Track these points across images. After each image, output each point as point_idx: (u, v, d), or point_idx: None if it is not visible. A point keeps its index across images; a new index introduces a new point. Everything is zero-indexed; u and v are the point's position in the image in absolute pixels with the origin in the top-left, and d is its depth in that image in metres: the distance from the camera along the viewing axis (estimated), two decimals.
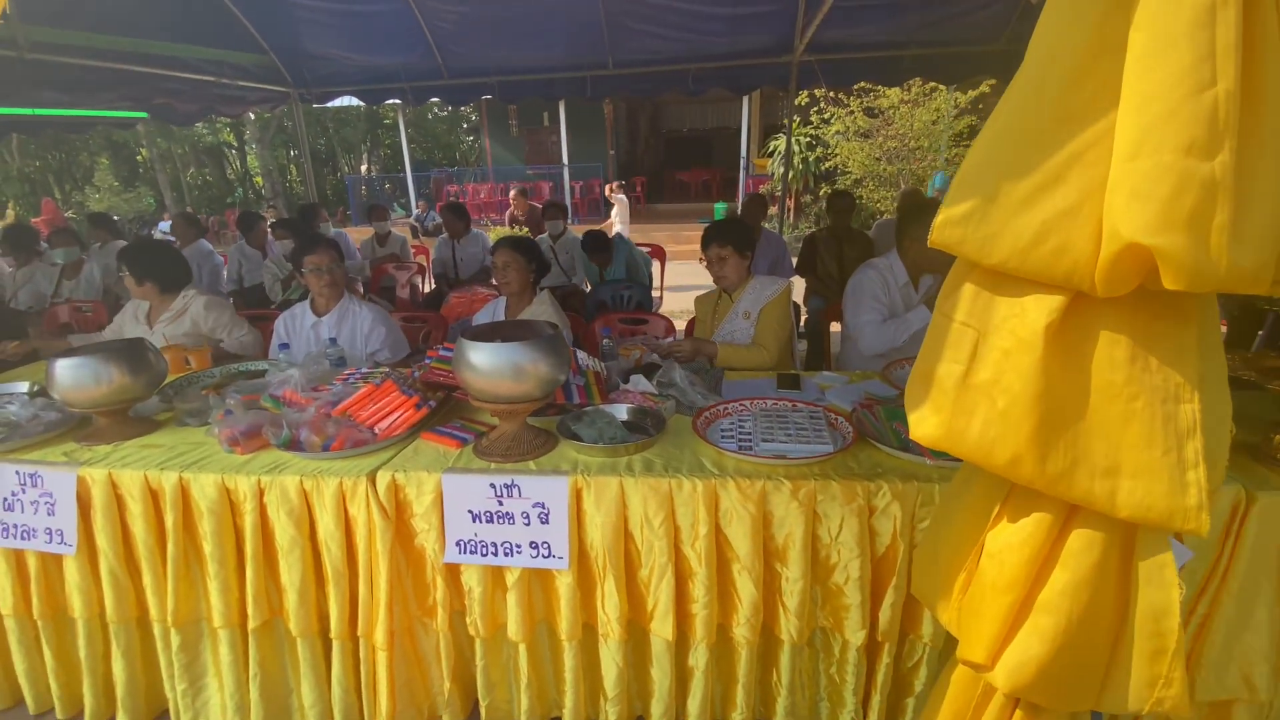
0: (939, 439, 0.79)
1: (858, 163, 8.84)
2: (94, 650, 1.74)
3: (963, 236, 0.70)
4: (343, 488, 1.53)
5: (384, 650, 1.55)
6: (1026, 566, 0.77)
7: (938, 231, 0.74)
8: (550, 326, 1.63)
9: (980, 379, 0.74)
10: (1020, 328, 0.71)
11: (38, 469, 1.66)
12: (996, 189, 0.66)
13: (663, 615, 1.49)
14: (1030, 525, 0.77)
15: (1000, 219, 0.66)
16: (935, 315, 0.82)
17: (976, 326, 0.75)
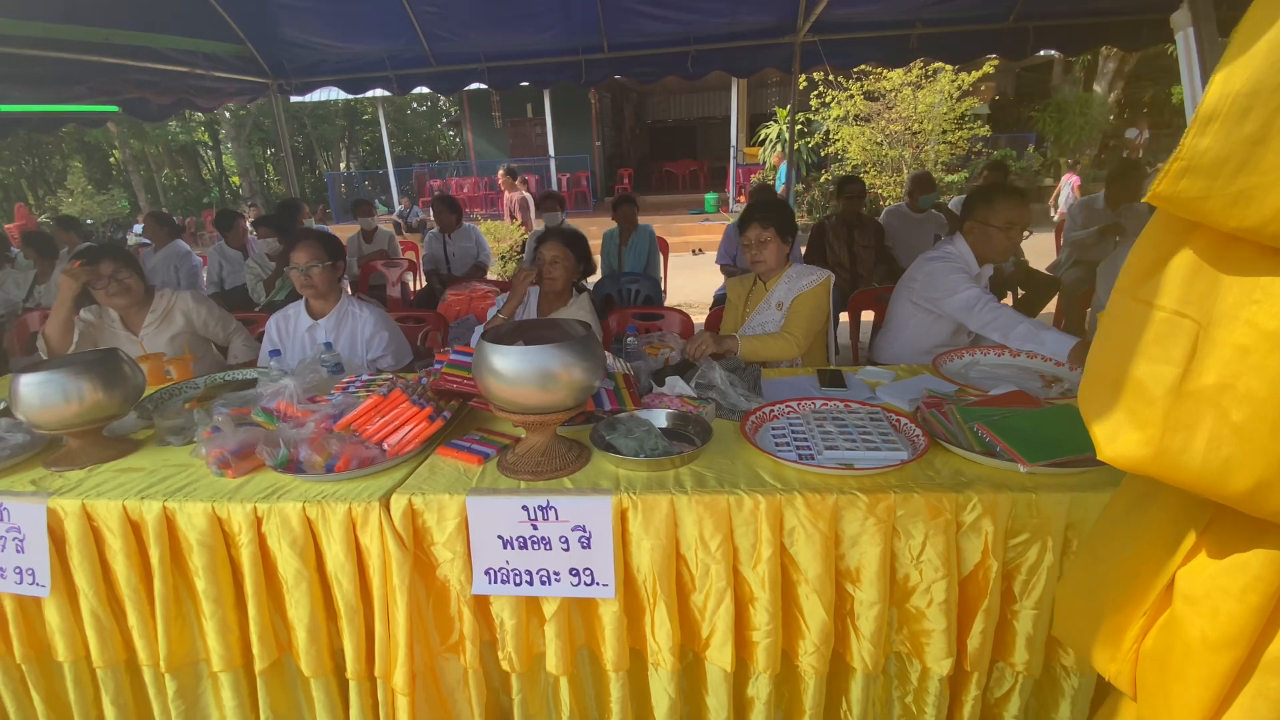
0: (1143, 460, 0.62)
1: (858, 147, 8.69)
2: (84, 694, 1.55)
3: (1207, 190, 0.53)
4: (352, 514, 1.34)
5: (405, 694, 1.37)
6: (1252, 619, 0.61)
7: (1169, 182, 0.56)
8: (582, 326, 1.45)
9: (1204, 384, 0.58)
10: (1266, 318, 0.54)
11: (2, 500, 1.46)
12: (1271, 123, 0.50)
13: (720, 643, 1.32)
14: (1258, 566, 0.61)
15: (1276, 165, 0.50)
16: (1123, 301, 0.66)
17: (1195, 316, 0.59)
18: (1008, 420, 1.38)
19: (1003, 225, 2.11)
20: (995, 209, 2.13)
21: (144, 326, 2.36)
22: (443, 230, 4.68)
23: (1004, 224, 2.11)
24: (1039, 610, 1.26)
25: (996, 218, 2.12)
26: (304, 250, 2.22)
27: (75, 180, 15.94)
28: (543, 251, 2.38)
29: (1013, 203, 2.13)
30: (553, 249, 2.36)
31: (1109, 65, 10.78)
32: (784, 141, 10.27)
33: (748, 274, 2.26)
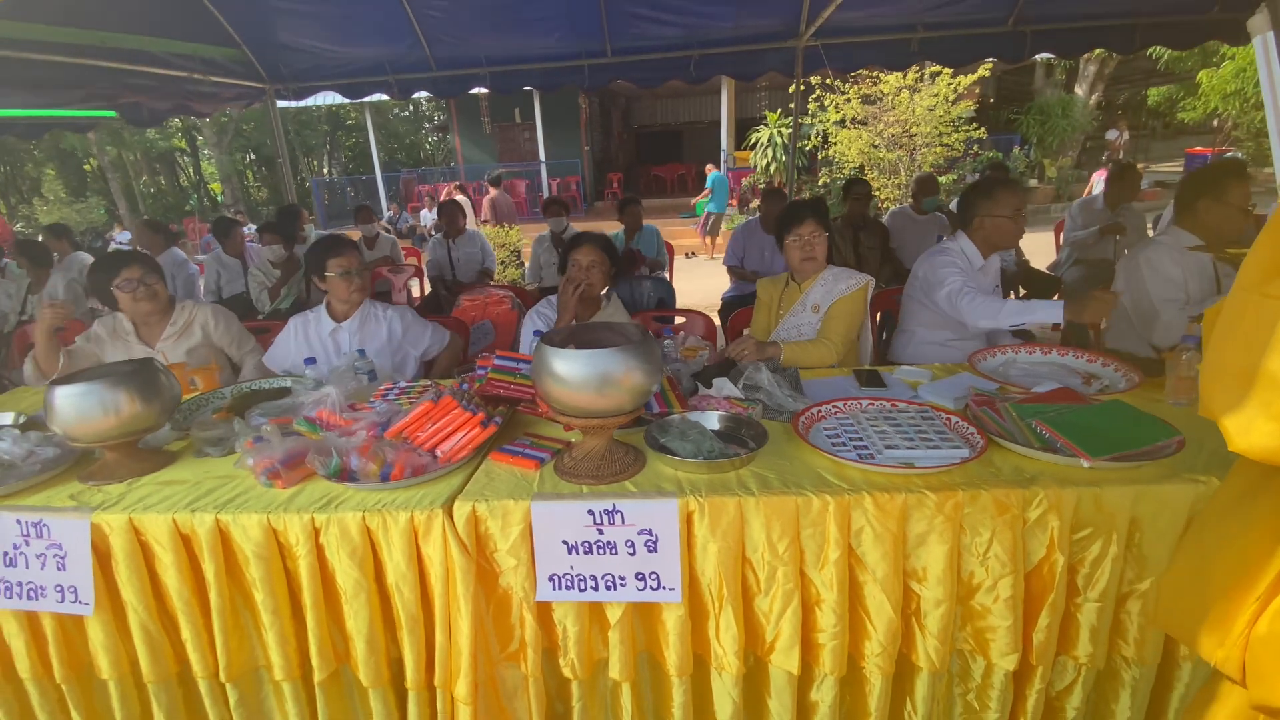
0: (1278, 450, 0.64)
1: (856, 150, 8.79)
2: (130, 712, 1.50)
3: None
4: (414, 523, 1.33)
5: (467, 704, 1.35)
6: None
7: None
8: (639, 330, 1.45)
9: None
10: None
11: (42, 517, 1.41)
12: None
13: (787, 646, 1.32)
14: None
15: None
16: (1249, 297, 0.67)
17: None
18: (1064, 416, 1.40)
19: (1010, 213, 2.22)
20: (998, 200, 2.22)
21: (162, 338, 2.31)
22: (447, 236, 4.64)
23: (1011, 211, 2.22)
24: (1102, 603, 1.28)
25: (1002, 208, 2.22)
26: (351, 254, 2.22)
27: (51, 187, 15.56)
28: (578, 257, 2.33)
29: (1011, 191, 2.25)
30: (589, 254, 2.32)
31: (1089, 68, 11.04)
32: (774, 145, 10.36)
33: (779, 275, 2.26)
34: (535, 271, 4.64)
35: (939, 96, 8.17)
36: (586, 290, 2.34)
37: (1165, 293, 2.32)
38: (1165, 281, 2.32)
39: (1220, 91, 10.13)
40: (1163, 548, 1.27)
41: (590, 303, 2.41)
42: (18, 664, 1.51)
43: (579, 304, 2.40)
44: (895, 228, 4.49)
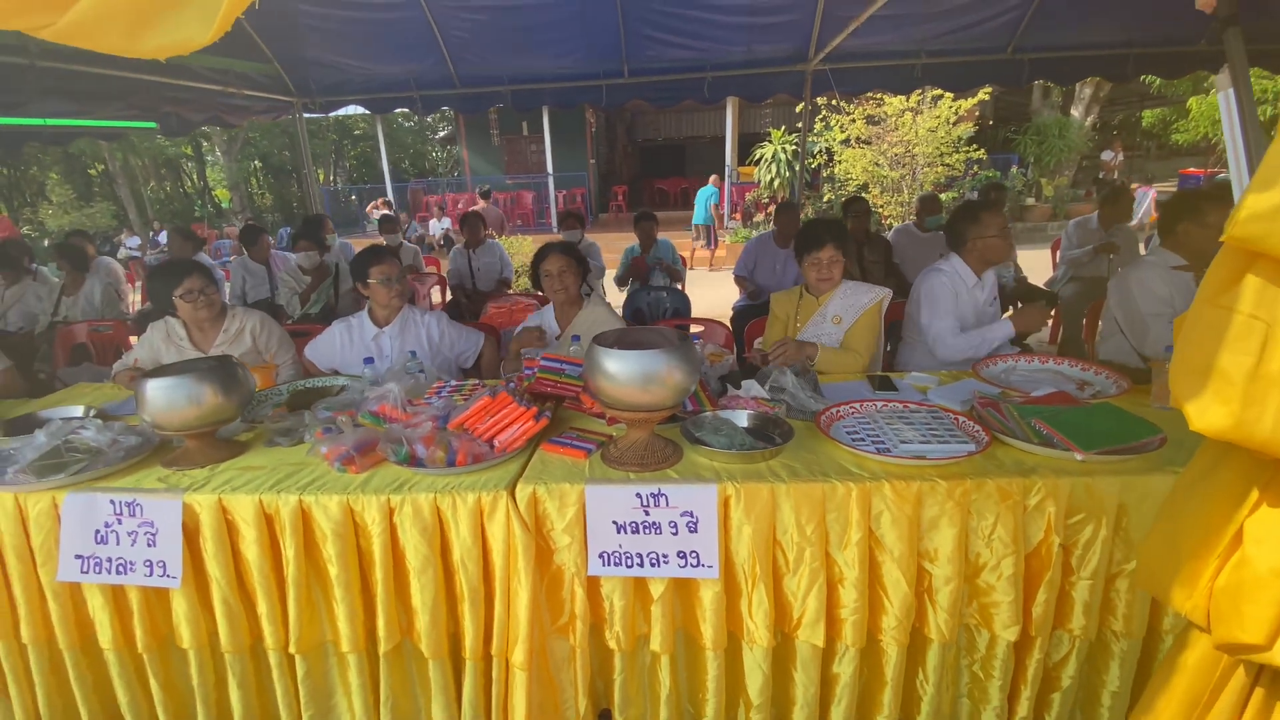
0: (1226, 430, 0.80)
1: (861, 169, 9.04)
2: (206, 680, 1.64)
3: (1269, 231, 0.72)
4: (481, 503, 1.48)
5: (523, 669, 1.49)
6: None
7: (1241, 226, 0.75)
8: (679, 335, 1.61)
9: (1273, 369, 0.76)
10: None
11: (135, 497, 1.56)
12: None
13: (812, 622, 1.47)
14: None
15: None
16: (1205, 308, 0.84)
17: (1266, 318, 0.77)
18: (1060, 416, 1.56)
19: (997, 232, 2.39)
20: (983, 223, 2.42)
21: (215, 345, 2.44)
22: (468, 246, 4.81)
23: (997, 231, 2.40)
24: (1094, 580, 1.43)
25: (988, 229, 2.40)
26: (392, 262, 2.38)
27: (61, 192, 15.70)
28: (548, 267, 2.49)
29: (993, 212, 2.45)
30: (556, 261, 2.47)
31: (1085, 91, 11.35)
32: (779, 161, 10.61)
33: (791, 289, 2.41)
34: None
35: (940, 119, 8.44)
36: (563, 295, 2.50)
37: (1154, 308, 2.48)
38: (1154, 298, 2.49)
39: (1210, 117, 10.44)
40: (1146, 531, 1.43)
41: (569, 304, 2.55)
42: (100, 636, 1.64)
43: (559, 308, 2.55)
44: (899, 244, 4.67)
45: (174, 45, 0.80)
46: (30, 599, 1.65)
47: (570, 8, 4.08)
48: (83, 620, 1.67)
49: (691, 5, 4.14)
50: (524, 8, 4.06)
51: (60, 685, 1.73)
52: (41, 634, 1.67)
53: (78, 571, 1.57)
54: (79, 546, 1.57)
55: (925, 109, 8.49)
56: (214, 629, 1.61)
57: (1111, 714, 1.51)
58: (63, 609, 1.63)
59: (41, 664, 1.70)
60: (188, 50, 0.82)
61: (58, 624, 1.65)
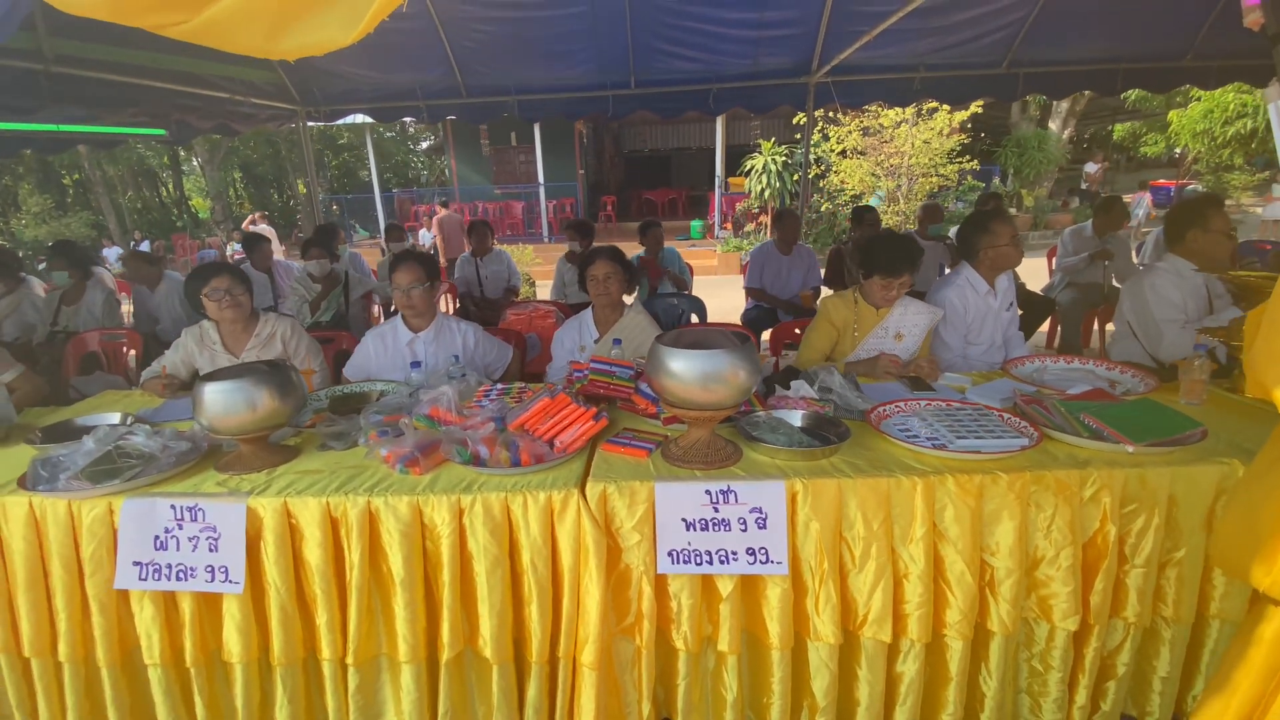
0: None
1: (857, 179, 9.24)
2: (252, 698, 1.60)
3: None
4: (551, 501, 1.49)
5: (594, 669, 1.49)
6: None
7: None
8: (740, 336, 1.64)
9: None
10: None
11: (197, 502, 1.54)
12: None
13: (879, 618, 1.49)
14: None
15: None
16: None
17: None
18: (1106, 411, 1.62)
19: (1008, 241, 2.47)
20: (995, 232, 2.48)
21: (246, 349, 2.42)
22: (476, 255, 4.82)
23: (1008, 240, 2.47)
24: (1147, 568, 1.49)
25: (1000, 238, 2.47)
26: (408, 271, 2.37)
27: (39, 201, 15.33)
28: (595, 271, 2.50)
29: (1004, 221, 2.52)
30: (604, 266, 2.48)
31: (1062, 105, 11.73)
32: (769, 172, 10.78)
33: (844, 294, 2.44)
34: (559, 289, 4.82)
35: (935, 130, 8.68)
36: (605, 300, 2.51)
37: (1167, 314, 2.58)
38: (1167, 304, 2.58)
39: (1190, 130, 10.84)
40: (1195, 519, 1.49)
41: (610, 310, 2.56)
42: (147, 652, 1.59)
43: (600, 312, 2.56)
44: None
45: (313, 45, 0.82)
46: (72, 613, 1.59)
47: (582, 21, 4.14)
48: (125, 636, 1.63)
49: (701, 19, 4.22)
50: (536, 20, 4.10)
51: (95, 707, 1.67)
52: (79, 651, 1.62)
53: (135, 579, 1.54)
54: (137, 553, 1.54)
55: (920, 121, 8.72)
56: (265, 643, 1.58)
57: (1162, 699, 1.57)
58: (108, 622, 1.59)
59: (77, 683, 1.64)
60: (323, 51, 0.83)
61: (100, 639, 1.59)
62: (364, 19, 0.79)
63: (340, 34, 0.80)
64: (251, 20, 0.79)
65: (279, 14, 0.79)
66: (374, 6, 0.80)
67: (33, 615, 1.60)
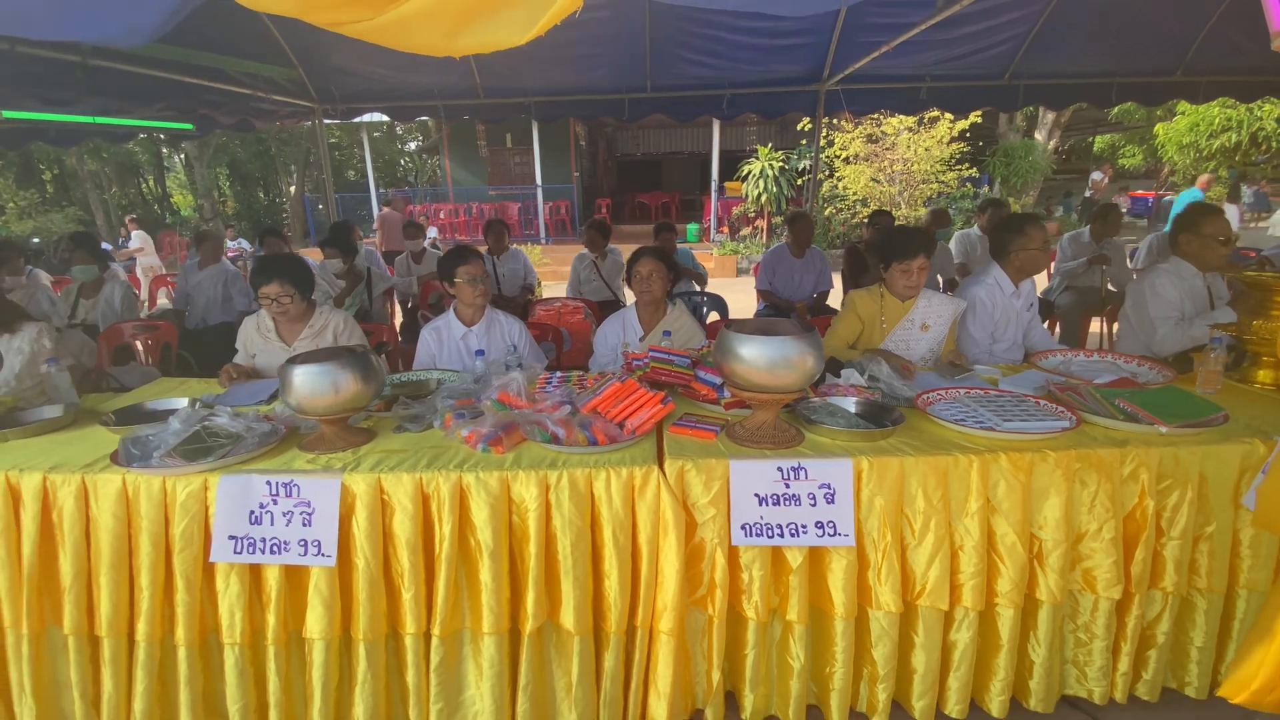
0: None
1: (860, 185, 9.46)
2: (330, 676, 1.64)
3: None
4: (633, 478, 1.58)
5: (672, 635, 1.59)
6: None
7: None
8: (805, 324, 1.75)
9: None
10: None
11: (293, 478, 1.61)
12: None
13: (936, 588, 1.60)
14: None
15: None
16: None
17: None
18: (1138, 396, 1.76)
19: (1040, 246, 2.60)
20: (1030, 235, 2.61)
21: (299, 339, 2.48)
22: (493, 253, 4.89)
23: (1040, 244, 2.60)
24: (1182, 540, 1.62)
25: (1033, 241, 2.61)
26: (476, 264, 2.47)
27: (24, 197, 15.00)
28: (640, 269, 2.61)
29: (1039, 227, 2.64)
30: (648, 264, 2.59)
31: (1048, 116, 12.10)
32: (765, 177, 10.97)
33: (870, 289, 2.57)
34: (575, 287, 4.91)
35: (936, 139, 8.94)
36: (648, 297, 2.62)
37: (1162, 311, 2.74)
38: (1163, 301, 2.74)
39: (1176, 143, 11.21)
40: (1223, 495, 1.63)
41: (653, 308, 2.67)
42: (228, 631, 1.62)
43: (643, 309, 2.67)
44: None
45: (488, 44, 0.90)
46: (155, 591, 1.63)
47: (604, 26, 4.24)
48: (205, 616, 1.67)
49: (719, 26, 4.35)
50: (561, 24, 4.19)
51: (164, 691, 1.70)
52: (158, 631, 1.65)
53: (230, 552, 1.60)
54: (232, 527, 1.60)
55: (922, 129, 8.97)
56: (346, 620, 1.63)
57: (1199, 668, 1.70)
58: (192, 600, 1.62)
59: (150, 663, 1.66)
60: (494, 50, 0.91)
61: (182, 617, 1.62)
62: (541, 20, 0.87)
63: (516, 34, 0.88)
64: (434, 20, 0.87)
65: (462, 14, 0.87)
66: (552, 9, 0.88)
67: (114, 594, 1.63)
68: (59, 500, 1.64)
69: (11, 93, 2.98)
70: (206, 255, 4.65)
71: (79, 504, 1.63)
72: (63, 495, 1.64)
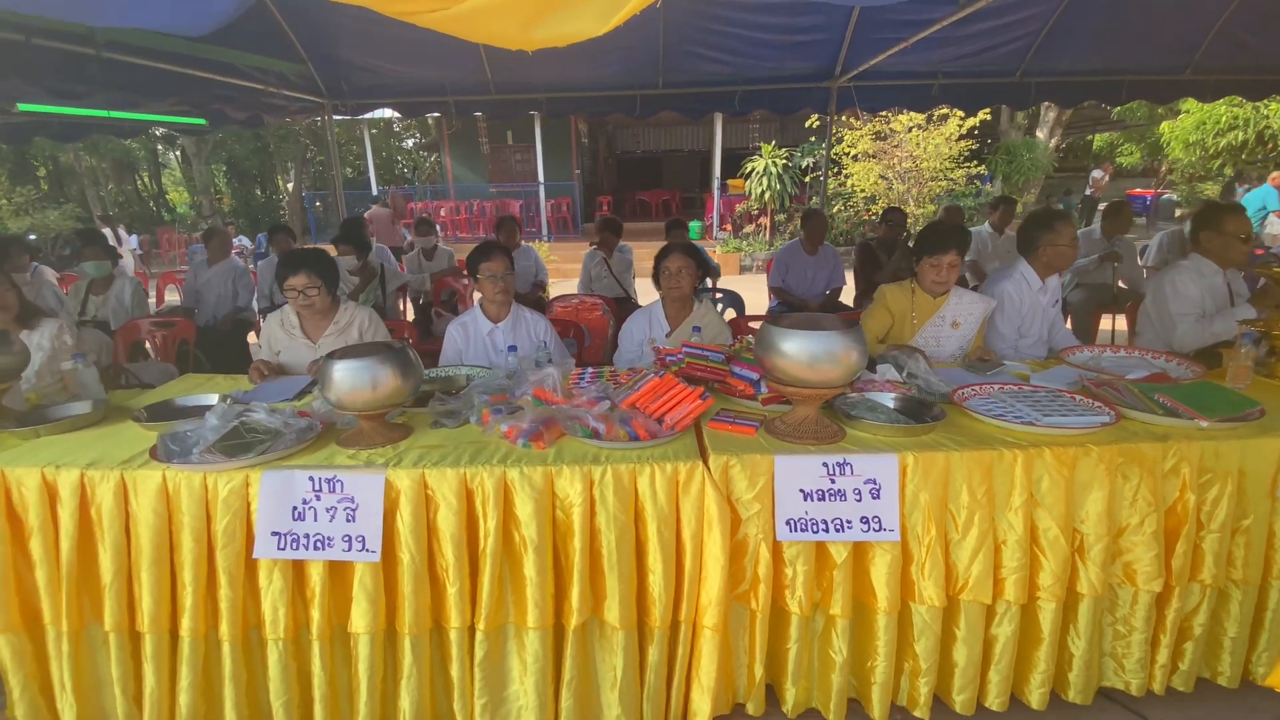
0: None
1: (869, 182, 9.47)
2: (375, 671, 1.64)
3: None
4: (678, 473, 1.58)
5: (716, 630, 1.59)
6: None
7: None
8: (845, 320, 1.75)
9: None
10: None
11: (336, 473, 1.60)
12: None
13: (979, 582, 1.61)
14: None
15: None
16: None
17: None
18: (1174, 391, 1.77)
19: (1068, 242, 2.61)
20: (1059, 231, 2.62)
21: (324, 335, 2.47)
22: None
23: (1068, 241, 2.61)
24: (1221, 533, 1.63)
25: (1062, 238, 2.61)
26: (499, 260, 2.45)
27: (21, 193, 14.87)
28: (668, 265, 2.61)
29: (1068, 223, 2.64)
30: (677, 260, 2.58)
31: (1049, 114, 12.15)
32: (769, 175, 10.97)
33: (902, 284, 2.57)
34: (586, 284, 4.91)
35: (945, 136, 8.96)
36: (675, 293, 2.61)
37: (1182, 308, 2.75)
38: (1183, 298, 2.75)
39: (1183, 141, 11.21)
40: (1260, 488, 1.64)
41: (681, 304, 2.66)
42: (271, 626, 1.62)
43: (670, 305, 2.65)
44: None
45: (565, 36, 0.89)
46: (198, 588, 1.62)
47: None
48: (248, 611, 1.66)
49: (732, 23, 4.33)
50: None
51: (208, 686, 1.69)
52: (201, 627, 1.64)
53: (274, 548, 1.59)
54: (276, 523, 1.59)
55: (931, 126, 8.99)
56: (394, 612, 1.63)
57: (1232, 659, 1.71)
58: (235, 595, 1.62)
59: (195, 659, 1.65)
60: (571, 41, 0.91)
61: (226, 613, 1.62)
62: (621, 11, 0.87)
63: (595, 25, 0.87)
64: (511, 10, 0.86)
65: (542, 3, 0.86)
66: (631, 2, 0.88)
67: (155, 590, 1.62)
68: (98, 497, 1.63)
69: (26, 86, 2.95)
70: (215, 252, 4.62)
71: (118, 500, 1.62)
72: (101, 492, 1.62)
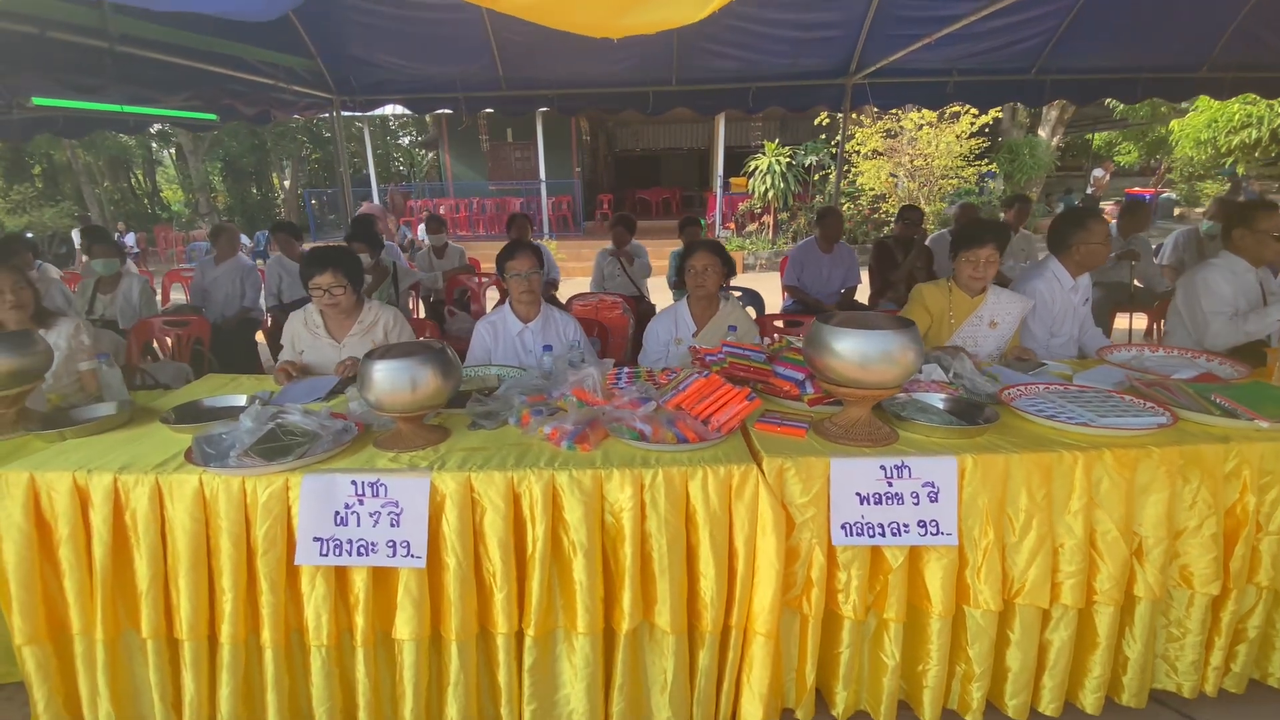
0: None
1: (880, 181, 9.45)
2: (420, 677, 1.59)
3: None
4: (731, 476, 1.54)
5: (769, 637, 1.55)
6: None
7: None
8: (900, 319, 1.71)
9: None
10: None
11: (379, 477, 1.56)
12: None
13: (1036, 586, 1.58)
14: None
15: None
16: None
17: None
18: (1230, 391, 1.74)
19: (1100, 240, 2.58)
20: (1090, 230, 2.59)
21: (348, 334, 2.42)
22: None
23: (1100, 239, 2.58)
24: (1279, 535, 1.61)
25: (1094, 236, 2.58)
26: (525, 259, 2.40)
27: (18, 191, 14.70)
28: (694, 262, 2.57)
29: (1100, 221, 2.61)
30: (703, 259, 2.54)
31: (1051, 113, 12.16)
32: (773, 173, 10.95)
33: (939, 282, 2.53)
34: (598, 281, 4.86)
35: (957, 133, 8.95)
36: (701, 291, 2.57)
37: (1215, 306, 2.73)
38: (1216, 297, 2.73)
39: (1193, 139, 11.20)
40: None
41: (706, 302, 2.62)
42: (314, 633, 1.57)
43: (695, 304, 2.62)
44: (938, 250, 4.91)
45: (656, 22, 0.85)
46: (238, 594, 1.57)
47: None
48: (289, 617, 1.62)
49: (747, 19, 4.30)
50: None
51: (249, 692, 1.66)
52: (242, 632, 1.60)
53: (316, 554, 1.54)
54: (318, 529, 1.55)
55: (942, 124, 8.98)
56: (438, 620, 1.59)
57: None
58: (277, 601, 1.57)
59: (236, 665, 1.61)
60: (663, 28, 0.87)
61: (268, 619, 1.58)
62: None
63: (690, 11, 0.83)
64: None
65: None
66: None
67: (193, 596, 1.58)
68: (132, 501, 1.58)
69: (40, 80, 2.88)
70: (223, 249, 4.56)
71: (154, 505, 1.57)
72: (136, 496, 1.58)
